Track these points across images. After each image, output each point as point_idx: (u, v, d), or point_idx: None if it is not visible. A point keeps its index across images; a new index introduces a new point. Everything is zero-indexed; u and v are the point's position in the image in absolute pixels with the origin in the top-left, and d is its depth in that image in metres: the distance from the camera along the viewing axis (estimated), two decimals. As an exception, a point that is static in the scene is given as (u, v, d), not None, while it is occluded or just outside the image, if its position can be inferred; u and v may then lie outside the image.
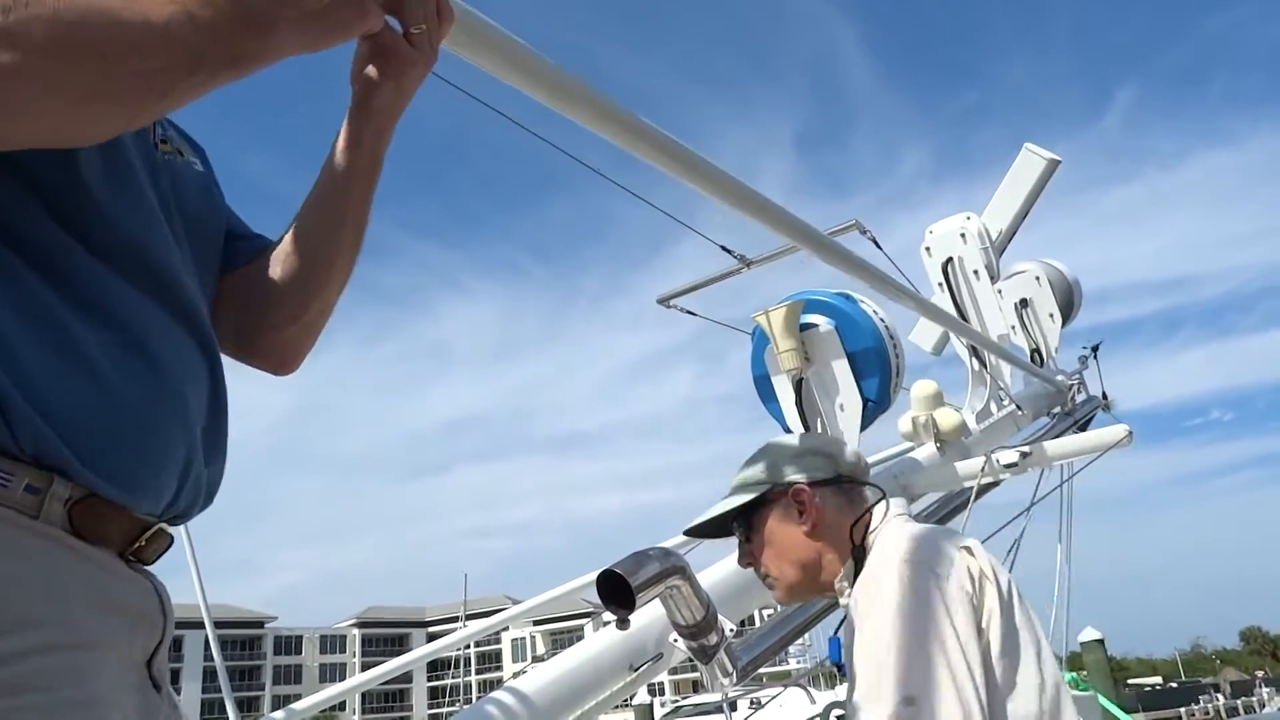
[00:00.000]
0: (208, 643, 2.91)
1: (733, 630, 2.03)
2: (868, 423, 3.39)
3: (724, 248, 3.43)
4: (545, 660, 2.22)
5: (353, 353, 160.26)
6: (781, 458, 1.81)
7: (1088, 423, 4.90)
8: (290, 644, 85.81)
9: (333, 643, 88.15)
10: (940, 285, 4.72)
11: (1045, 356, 5.04)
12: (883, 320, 3.43)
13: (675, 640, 2.01)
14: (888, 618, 1.47)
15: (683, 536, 3.38)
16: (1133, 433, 3.54)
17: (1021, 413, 4.38)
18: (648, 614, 2.13)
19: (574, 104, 1.41)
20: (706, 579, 2.18)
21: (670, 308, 4.02)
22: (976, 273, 4.68)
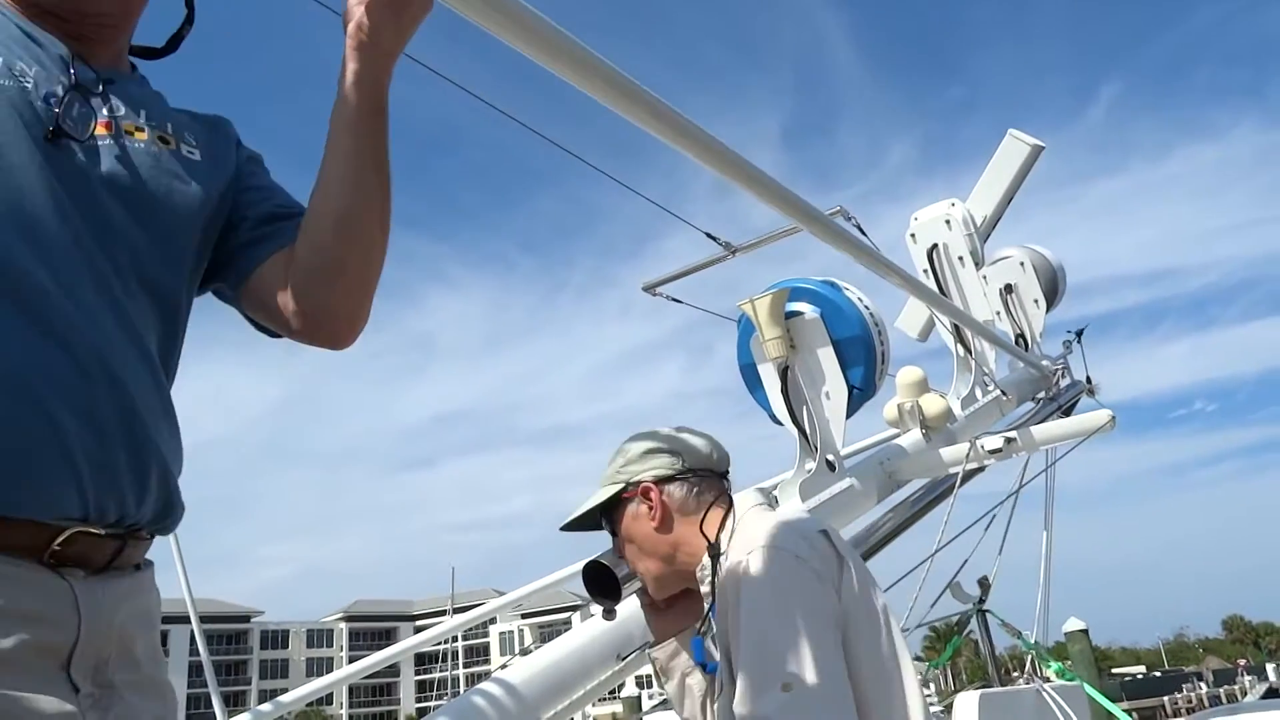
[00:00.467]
0: (193, 637, 2.88)
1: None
2: (853, 410, 3.39)
3: (709, 235, 3.43)
4: (532, 652, 2.21)
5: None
6: (632, 456, 1.82)
7: (1072, 407, 4.92)
8: (277, 638, 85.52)
9: (320, 637, 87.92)
10: (925, 272, 4.73)
11: (1030, 341, 5.06)
12: (868, 308, 3.42)
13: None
14: (755, 605, 1.48)
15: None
16: (1115, 417, 3.56)
17: (1006, 398, 4.40)
18: (635, 603, 2.12)
19: (573, 65, 1.36)
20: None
21: (656, 295, 4.01)
22: (961, 259, 4.68)
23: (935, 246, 4.74)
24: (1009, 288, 5.06)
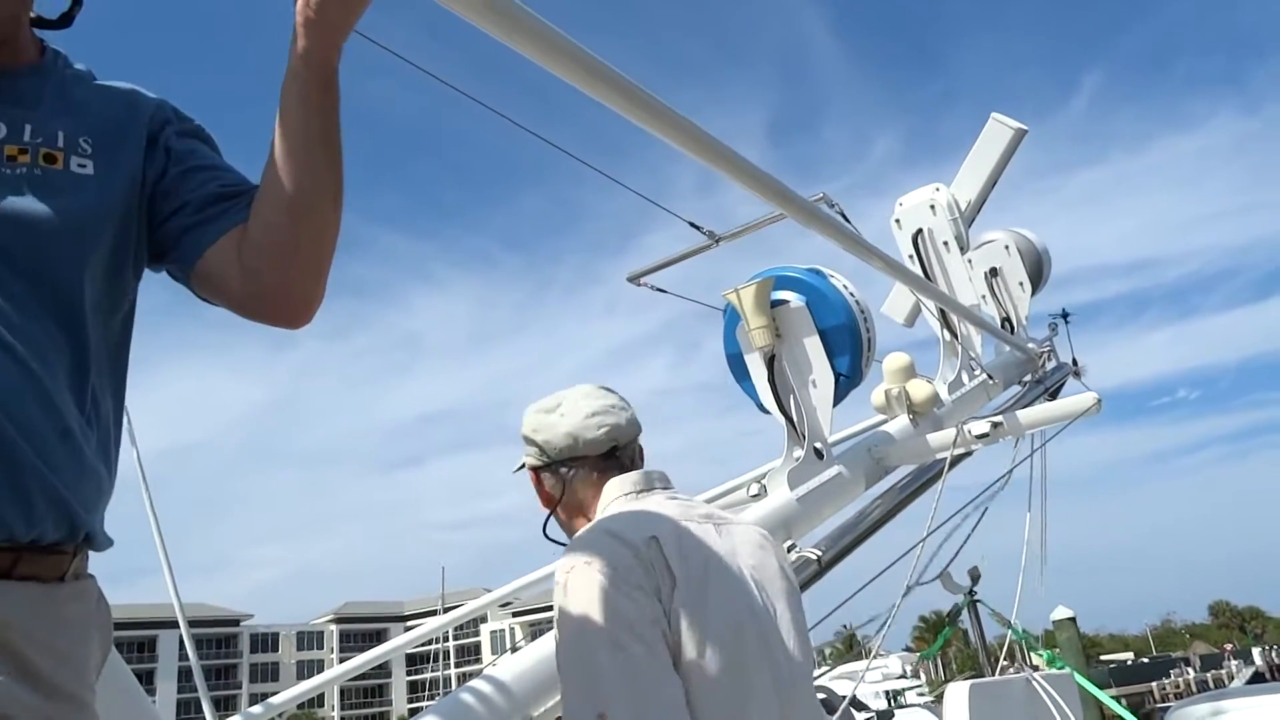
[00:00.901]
0: (182, 642, 2.85)
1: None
2: (840, 397, 3.38)
3: (692, 224, 3.41)
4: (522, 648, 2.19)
5: (323, 346, 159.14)
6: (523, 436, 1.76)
7: (1058, 390, 4.93)
8: (267, 641, 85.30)
9: (310, 639, 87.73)
10: (911, 257, 4.72)
11: (1016, 325, 5.07)
12: (853, 295, 3.41)
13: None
14: (566, 627, 1.38)
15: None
16: (1101, 400, 3.56)
17: (993, 382, 4.40)
18: None
19: (544, 47, 1.35)
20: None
21: (641, 285, 3.99)
22: (946, 244, 4.68)
23: (920, 232, 4.73)
24: (994, 271, 5.06)
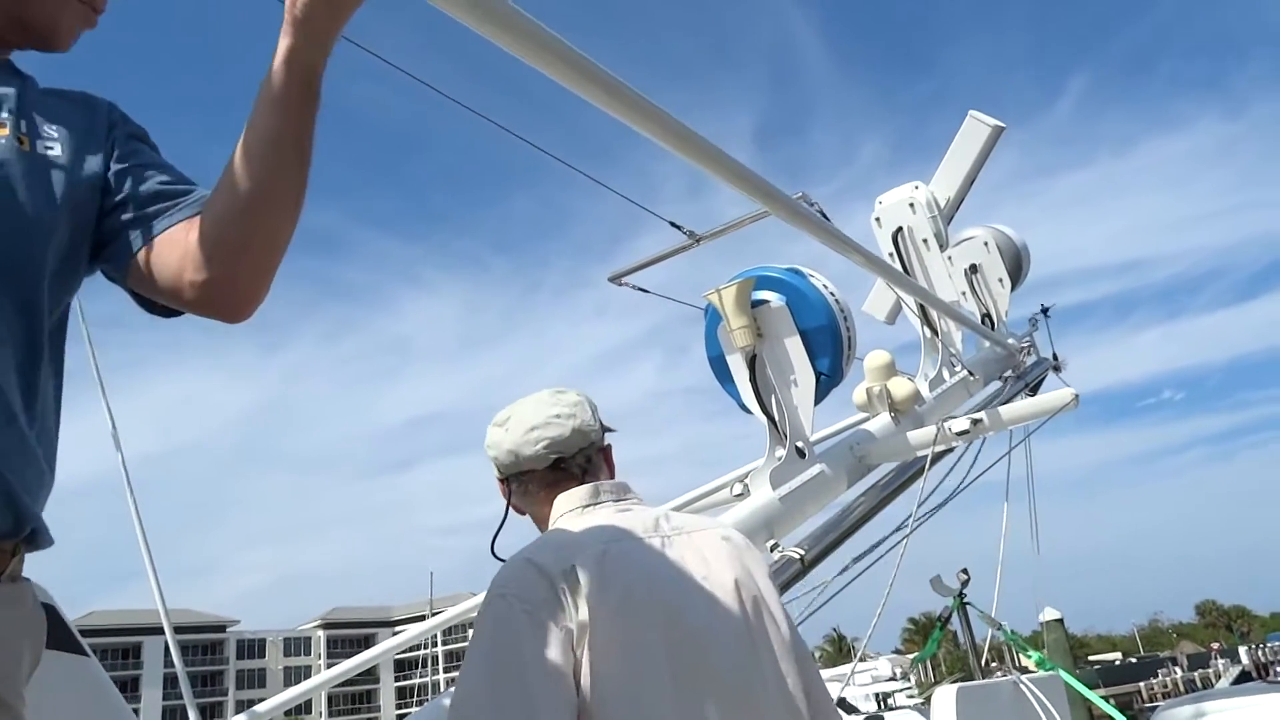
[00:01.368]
0: (168, 648, 2.84)
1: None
2: (821, 396, 3.40)
3: (673, 224, 3.43)
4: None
5: (313, 349, 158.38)
6: None
7: (1039, 385, 4.97)
8: (253, 648, 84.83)
9: (297, 645, 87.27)
10: (891, 255, 4.75)
11: (996, 320, 5.10)
12: (833, 294, 3.44)
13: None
14: (468, 663, 1.35)
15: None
16: (1079, 395, 3.59)
17: (974, 378, 4.43)
18: None
19: (530, 45, 1.35)
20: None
21: (622, 285, 4.00)
22: (926, 241, 4.71)
23: (900, 230, 4.76)
24: (974, 268, 5.09)
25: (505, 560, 1.49)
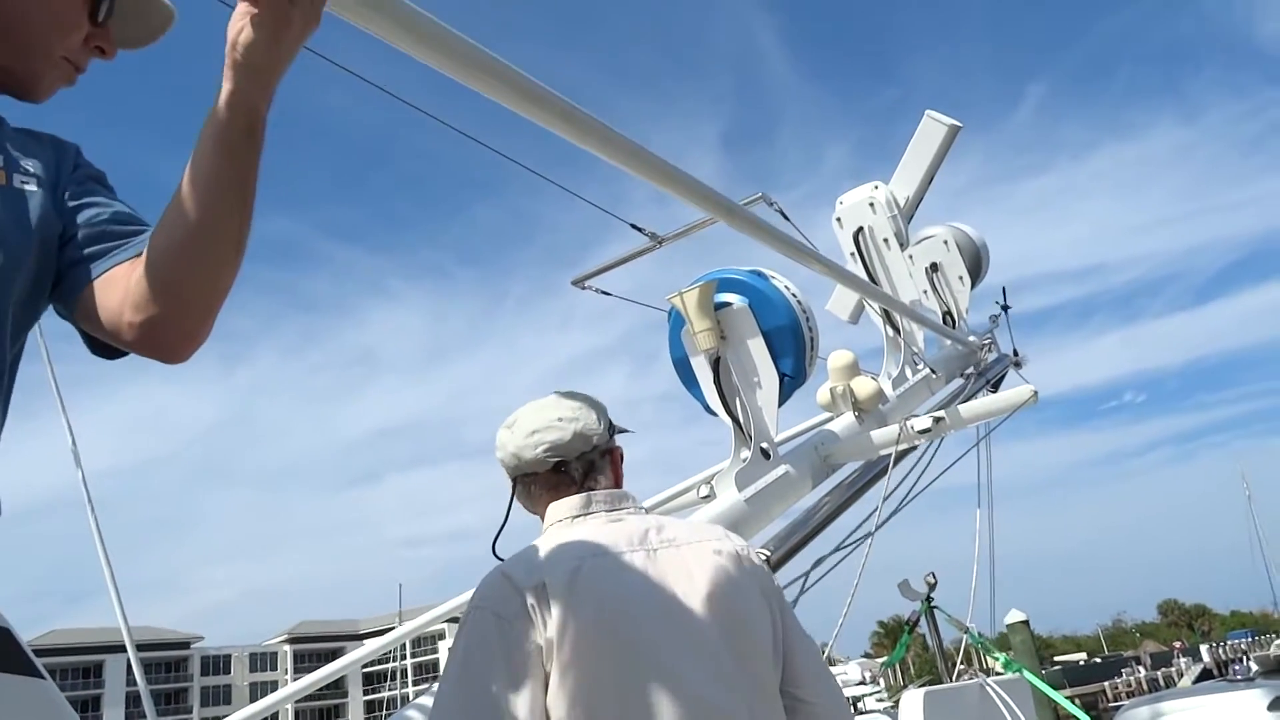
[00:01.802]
0: (130, 666, 2.81)
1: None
2: (785, 397, 3.41)
3: (634, 226, 3.42)
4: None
5: (277, 361, 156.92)
6: None
7: (1000, 381, 5.03)
8: (218, 664, 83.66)
9: (263, 660, 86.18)
10: (852, 255, 4.79)
11: (957, 318, 5.16)
12: (795, 295, 3.45)
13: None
14: (446, 671, 1.40)
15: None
16: (1038, 392, 3.64)
17: (936, 376, 4.47)
18: None
19: (469, 67, 1.36)
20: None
21: (585, 288, 4.00)
22: (886, 241, 4.76)
23: (861, 230, 4.80)
24: (935, 266, 5.15)
25: (504, 559, 1.53)
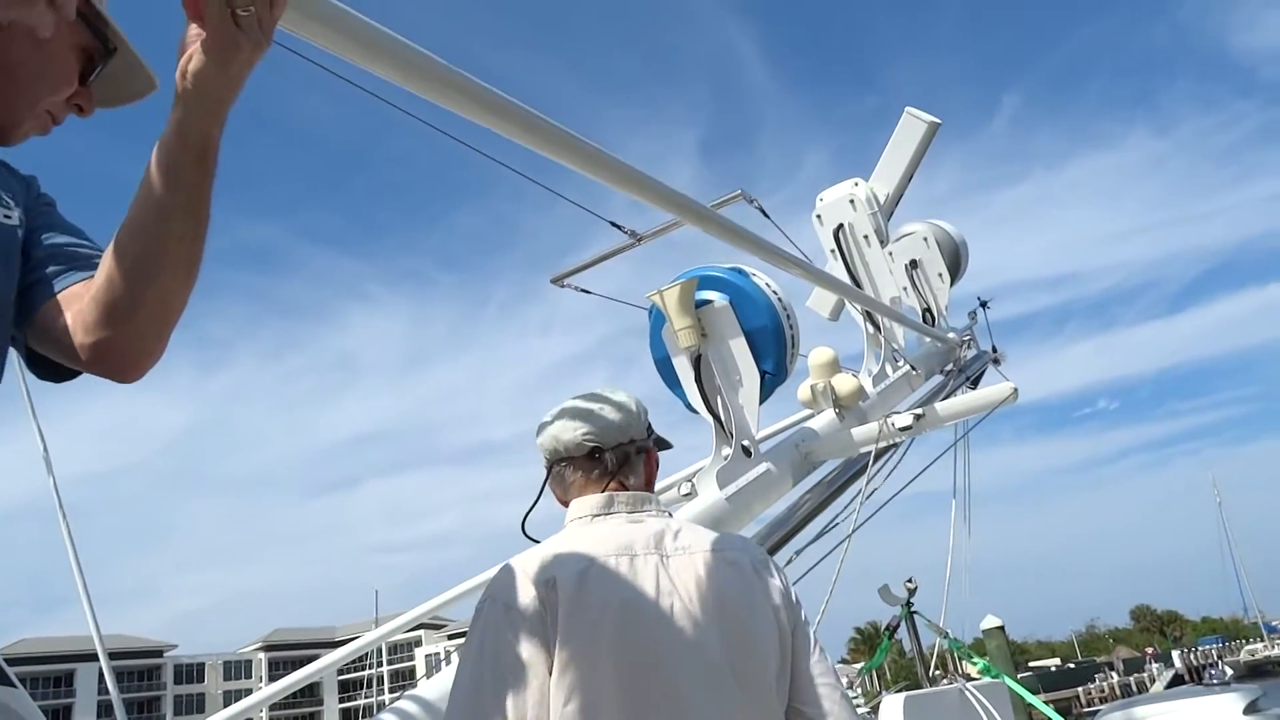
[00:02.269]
0: (102, 675, 2.76)
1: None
2: (767, 395, 3.40)
3: (613, 223, 3.40)
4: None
5: (254, 367, 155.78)
6: None
7: (979, 378, 5.03)
8: (192, 672, 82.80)
9: (238, 668, 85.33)
10: (833, 252, 4.79)
11: (936, 315, 5.17)
12: (776, 292, 3.44)
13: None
14: (460, 659, 1.47)
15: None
16: (1017, 389, 3.64)
17: (916, 372, 4.47)
18: None
19: (430, 82, 1.36)
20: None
21: (564, 287, 3.97)
22: (867, 238, 4.76)
23: (841, 227, 4.80)
24: (914, 263, 5.15)
25: (535, 540, 1.62)
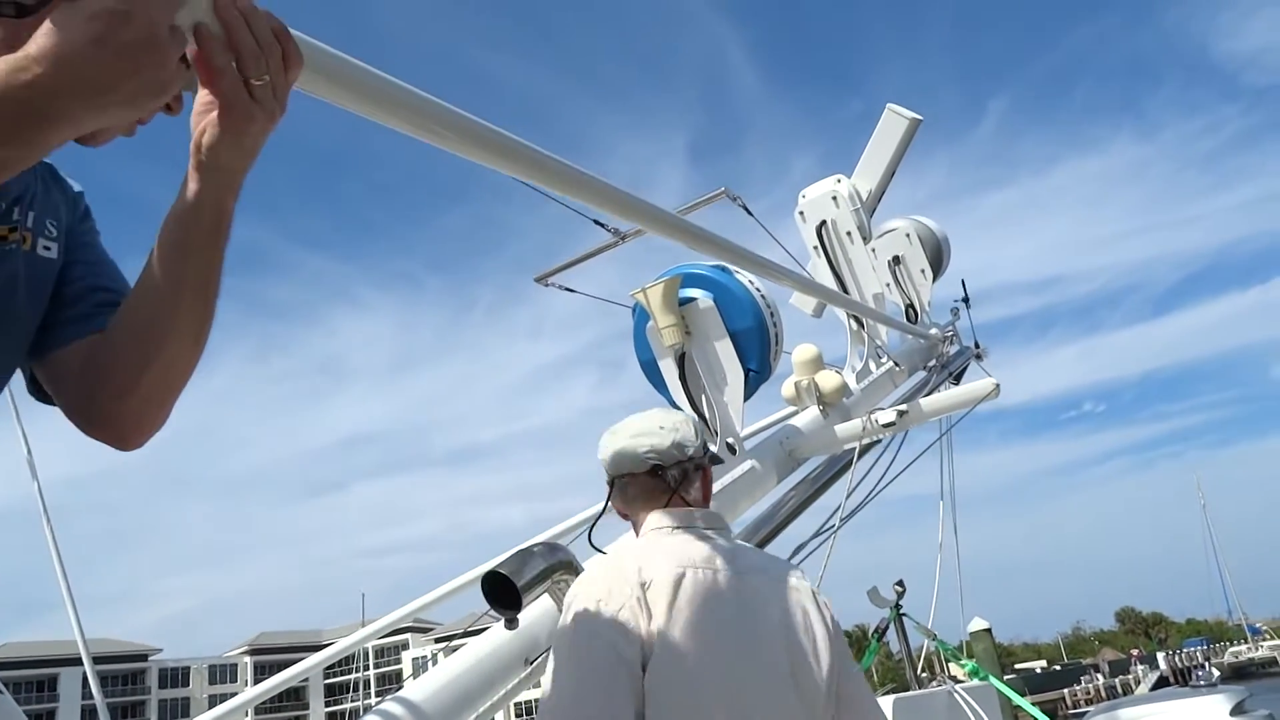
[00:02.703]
0: (86, 679, 2.75)
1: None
2: (750, 392, 3.40)
3: (597, 222, 3.38)
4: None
5: (240, 370, 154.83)
6: None
7: (962, 374, 5.05)
8: (177, 676, 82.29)
9: (223, 672, 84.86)
10: (816, 249, 4.79)
11: (919, 311, 5.19)
12: (759, 290, 3.43)
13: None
14: (559, 638, 1.55)
15: (565, 526, 3.33)
16: (999, 385, 3.65)
17: (899, 369, 4.48)
18: (539, 606, 2.10)
19: (446, 131, 1.35)
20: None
21: (548, 285, 3.96)
22: (850, 234, 4.76)
23: (824, 224, 4.81)
24: (897, 259, 5.17)
25: (603, 551, 1.74)
